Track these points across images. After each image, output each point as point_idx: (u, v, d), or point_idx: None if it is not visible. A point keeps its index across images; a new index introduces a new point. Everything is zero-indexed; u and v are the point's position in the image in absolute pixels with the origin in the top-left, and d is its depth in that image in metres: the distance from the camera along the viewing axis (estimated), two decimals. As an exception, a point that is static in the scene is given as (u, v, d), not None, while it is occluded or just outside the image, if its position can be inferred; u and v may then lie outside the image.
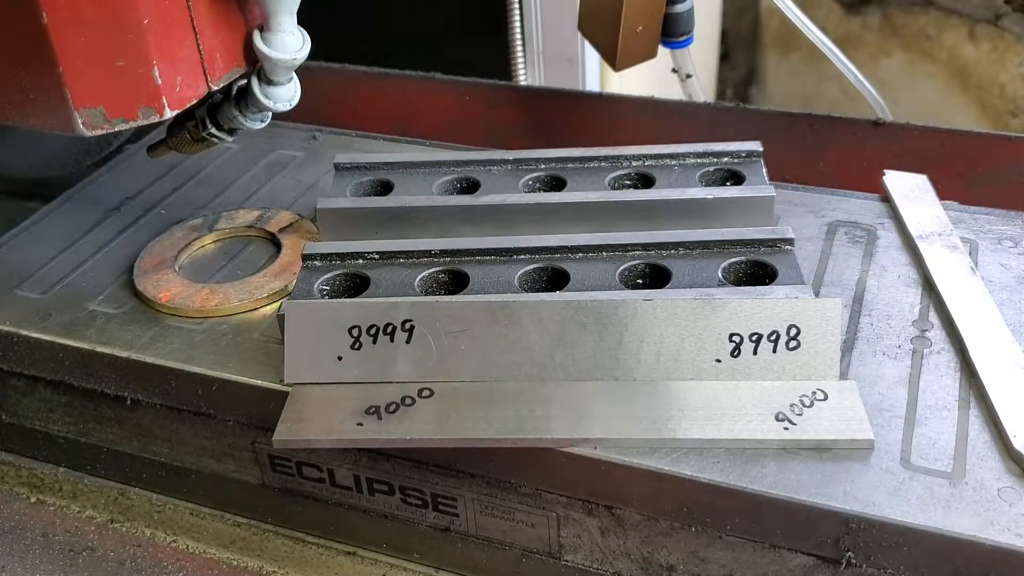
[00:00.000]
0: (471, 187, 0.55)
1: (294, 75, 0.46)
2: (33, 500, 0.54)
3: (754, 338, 0.41)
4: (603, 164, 0.55)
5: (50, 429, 0.54)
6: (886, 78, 1.28)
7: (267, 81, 0.46)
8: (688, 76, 0.69)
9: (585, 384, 0.42)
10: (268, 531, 0.51)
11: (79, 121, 0.41)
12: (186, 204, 0.60)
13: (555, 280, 0.47)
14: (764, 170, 0.53)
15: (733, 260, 0.47)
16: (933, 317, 0.46)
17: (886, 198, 0.55)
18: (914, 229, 0.51)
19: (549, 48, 0.82)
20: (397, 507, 0.47)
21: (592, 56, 0.80)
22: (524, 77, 0.81)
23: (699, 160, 0.55)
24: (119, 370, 0.48)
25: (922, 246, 0.50)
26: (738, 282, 0.46)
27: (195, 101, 0.44)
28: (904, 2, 1.28)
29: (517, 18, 0.79)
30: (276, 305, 0.50)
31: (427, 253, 0.48)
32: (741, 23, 1.44)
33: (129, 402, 0.50)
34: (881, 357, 0.44)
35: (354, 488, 0.47)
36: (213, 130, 0.49)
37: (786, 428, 0.39)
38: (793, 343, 0.41)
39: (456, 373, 0.43)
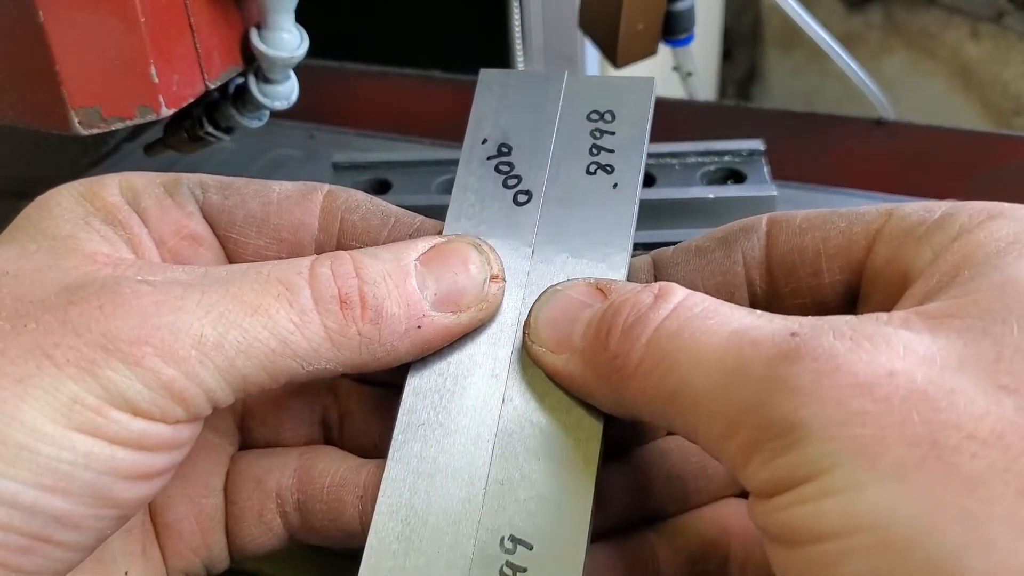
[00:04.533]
0: (470, 186, 0.55)
1: (292, 73, 0.46)
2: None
3: None
4: (603, 163, 0.55)
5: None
6: (888, 76, 1.28)
7: (265, 79, 0.46)
8: (689, 74, 0.69)
9: None
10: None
11: (75, 120, 0.41)
12: (184, 203, 0.59)
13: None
14: (766, 169, 0.53)
15: None
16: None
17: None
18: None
19: (549, 46, 0.81)
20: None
21: (592, 54, 0.80)
22: (524, 75, 0.81)
23: (700, 159, 0.55)
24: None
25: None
26: None
27: (192, 100, 0.43)
28: (906, 0, 1.28)
29: (517, 16, 0.79)
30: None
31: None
32: (742, 21, 1.44)
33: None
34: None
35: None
36: (211, 129, 0.49)
37: None
38: None
39: None
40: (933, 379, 0.21)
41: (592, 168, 0.34)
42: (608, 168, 0.34)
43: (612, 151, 0.34)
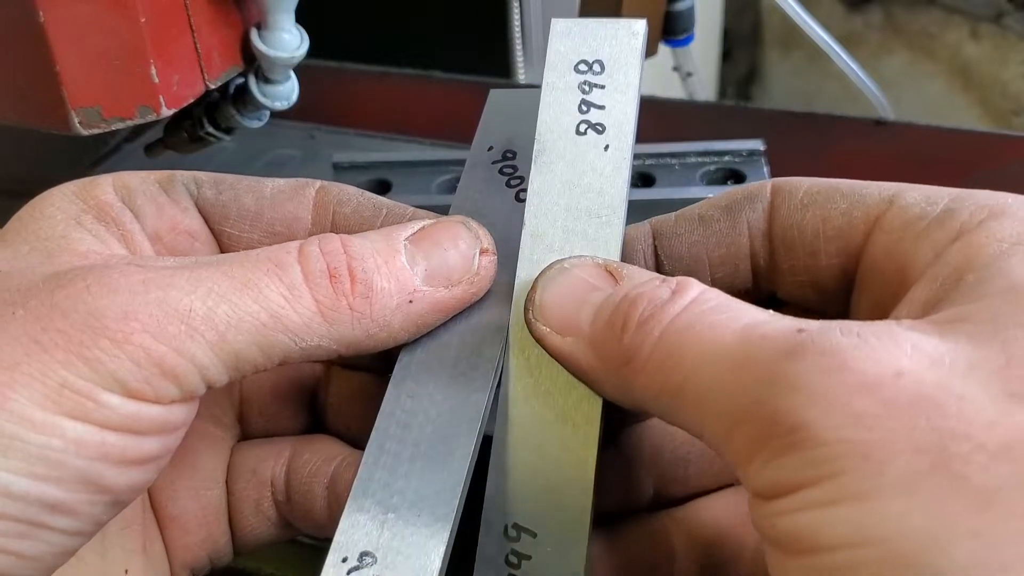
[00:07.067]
0: (470, 186, 0.56)
1: (292, 73, 0.46)
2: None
3: None
4: (603, 163, 0.56)
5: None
6: (888, 77, 1.28)
7: (265, 80, 0.46)
8: (689, 74, 0.69)
9: None
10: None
11: (76, 120, 0.41)
12: (184, 203, 0.59)
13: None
14: (766, 169, 0.53)
15: None
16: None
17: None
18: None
19: (549, 46, 0.81)
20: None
21: (592, 54, 0.80)
22: (524, 75, 0.81)
23: (700, 159, 0.55)
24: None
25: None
26: None
27: (193, 100, 0.43)
28: (906, 0, 1.28)
29: (517, 16, 0.79)
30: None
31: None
32: (742, 21, 1.44)
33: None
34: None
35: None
36: (211, 129, 0.49)
37: None
38: None
39: None
40: (942, 383, 0.21)
41: (582, 128, 0.32)
42: (599, 127, 0.32)
43: (602, 107, 0.32)
